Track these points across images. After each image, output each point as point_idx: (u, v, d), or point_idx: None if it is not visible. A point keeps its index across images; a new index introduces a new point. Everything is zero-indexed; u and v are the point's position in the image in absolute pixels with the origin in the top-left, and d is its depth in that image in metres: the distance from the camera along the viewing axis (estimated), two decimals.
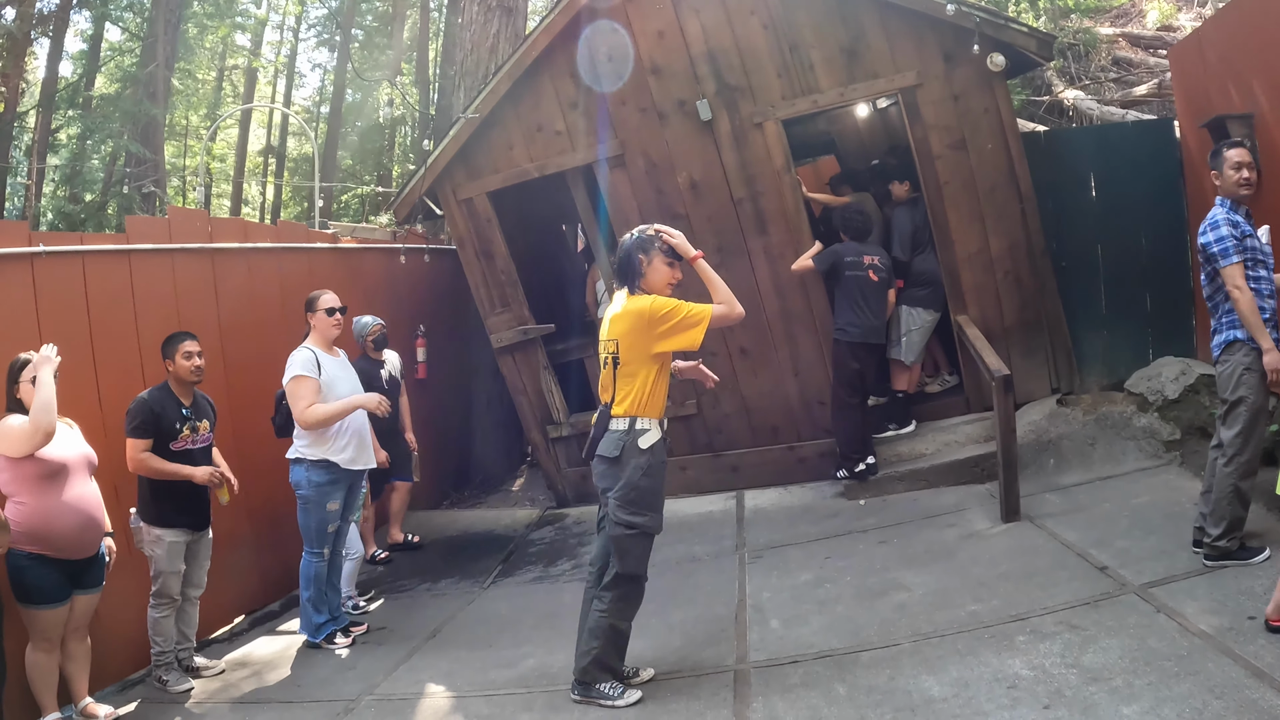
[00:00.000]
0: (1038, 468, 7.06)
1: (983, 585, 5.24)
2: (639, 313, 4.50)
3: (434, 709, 5.02)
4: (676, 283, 4.64)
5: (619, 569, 4.54)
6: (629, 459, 4.51)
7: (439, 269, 10.10)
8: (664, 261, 4.59)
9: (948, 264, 7.74)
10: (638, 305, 4.52)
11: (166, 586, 5.66)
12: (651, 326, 4.48)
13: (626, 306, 4.55)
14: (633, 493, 4.50)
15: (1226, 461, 4.85)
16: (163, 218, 7.05)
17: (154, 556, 5.63)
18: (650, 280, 4.60)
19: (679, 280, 4.65)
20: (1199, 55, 7.12)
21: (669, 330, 4.47)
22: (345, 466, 6.09)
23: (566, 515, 8.69)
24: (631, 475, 4.50)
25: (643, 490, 4.51)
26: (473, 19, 11.85)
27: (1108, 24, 13.42)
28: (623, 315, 4.54)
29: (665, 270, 4.60)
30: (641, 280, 4.60)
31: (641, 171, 8.13)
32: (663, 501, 4.62)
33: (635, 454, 4.51)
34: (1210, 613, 4.32)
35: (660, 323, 4.46)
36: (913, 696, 4.12)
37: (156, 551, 5.61)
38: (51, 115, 19.70)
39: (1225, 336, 4.91)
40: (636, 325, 4.50)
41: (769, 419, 8.24)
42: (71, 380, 5.40)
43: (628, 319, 4.52)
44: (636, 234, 4.68)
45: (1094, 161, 7.96)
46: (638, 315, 4.50)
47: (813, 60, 7.68)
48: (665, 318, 4.46)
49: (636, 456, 4.51)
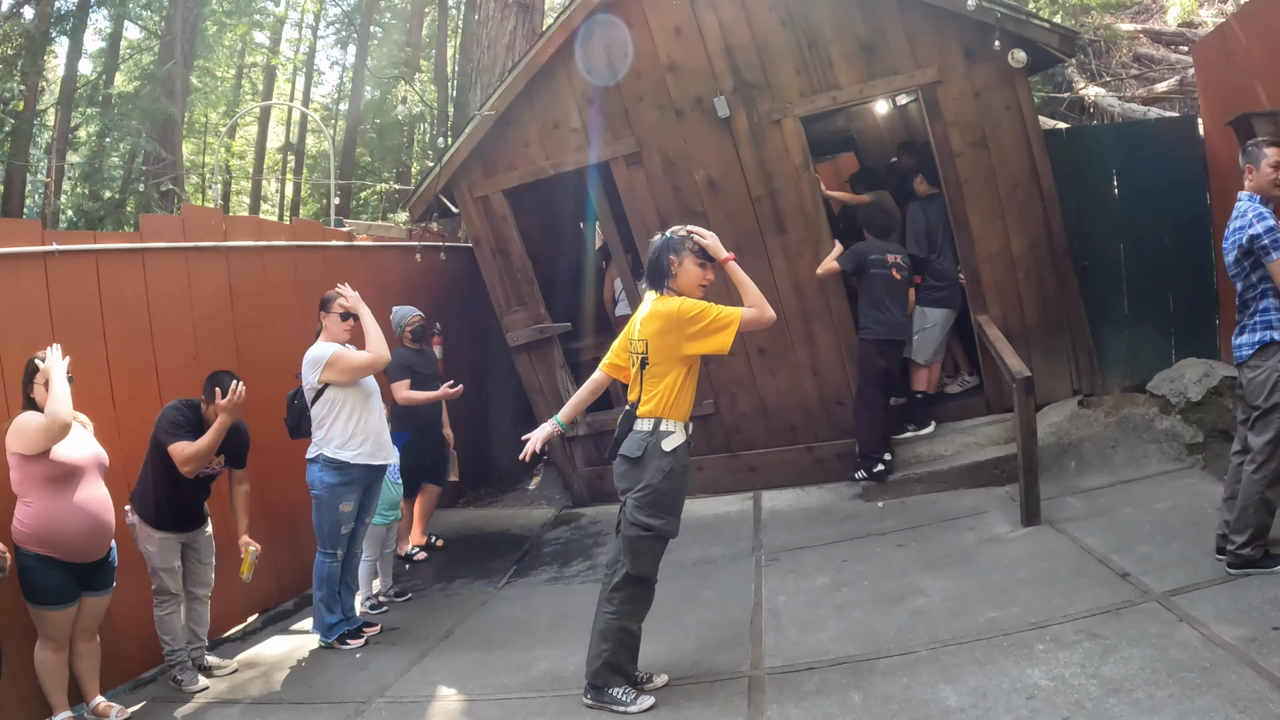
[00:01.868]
0: (1058, 470, 6.97)
1: (1002, 591, 5.17)
2: (668, 314, 4.45)
3: (445, 712, 4.99)
4: (708, 284, 4.59)
5: (629, 569, 4.50)
6: (650, 460, 4.46)
7: (455, 267, 10.07)
8: (695, 263, 4.55)
9: (968, 263, 7.66)
10: (667, 307, 4.46)
11: (163, 583, 5.63)
12: (681, 328, 4.43)
13: (655, 308, 4.51)
14: (652, 495, 4.45)
15: (1256, 469, 4.73)
16: (176, 216, 7.05)
17: (147, 553, 5.61)
18: (680, 282, 4.56)
19: (710, 282, 4.60)
20: (1224, 51, 7.01)
21: (698, 333, 4.42)
22: (362, 463, 6.06)
23: (582, 515, 8.65)
24: (652, 477, 4.45)
25: (662, 493, 4.46)
26: (490, 15, 11.81)
27: (1128, 20, 13.27)
28: (652, 316, 4.50)
29: (696, 272, 4.55)
30: (671, 281, 4.55)
31: (659, 169, 8.07)
32: (681, 506, 4.57)
33: (658, 455, 4.46)
34: (1233, 623, 4.23)
35: (689, 324, 4.42)
36: (930, 706, 4.05)
37: (149, 548, 5.59)
38: (70, 113, 19.81)
39: (1260, 337, 4.73)
40: (666, 327, 4.45)
41: (787, 419, 8.18)
42: (85, 379, 5.39)
43: (657, 320, 4.47)
44: (668, 234, 4.64)
45: (1116, 159, 7.86)
46: (667, 317, 4.45)
47: (832, 56, 7.60)
48: (694, 319, 4.41)
49: (659, 458, 4.46)
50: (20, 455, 4.87)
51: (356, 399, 6.08)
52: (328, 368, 5.94)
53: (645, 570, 4.52)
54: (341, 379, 5.99)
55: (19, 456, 4.87)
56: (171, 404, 5.66)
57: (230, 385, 5.55)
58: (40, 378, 5.00)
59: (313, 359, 6.02)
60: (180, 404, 5.66)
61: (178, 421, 5.55)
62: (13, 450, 4.88)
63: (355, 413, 6.06)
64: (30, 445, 4.84)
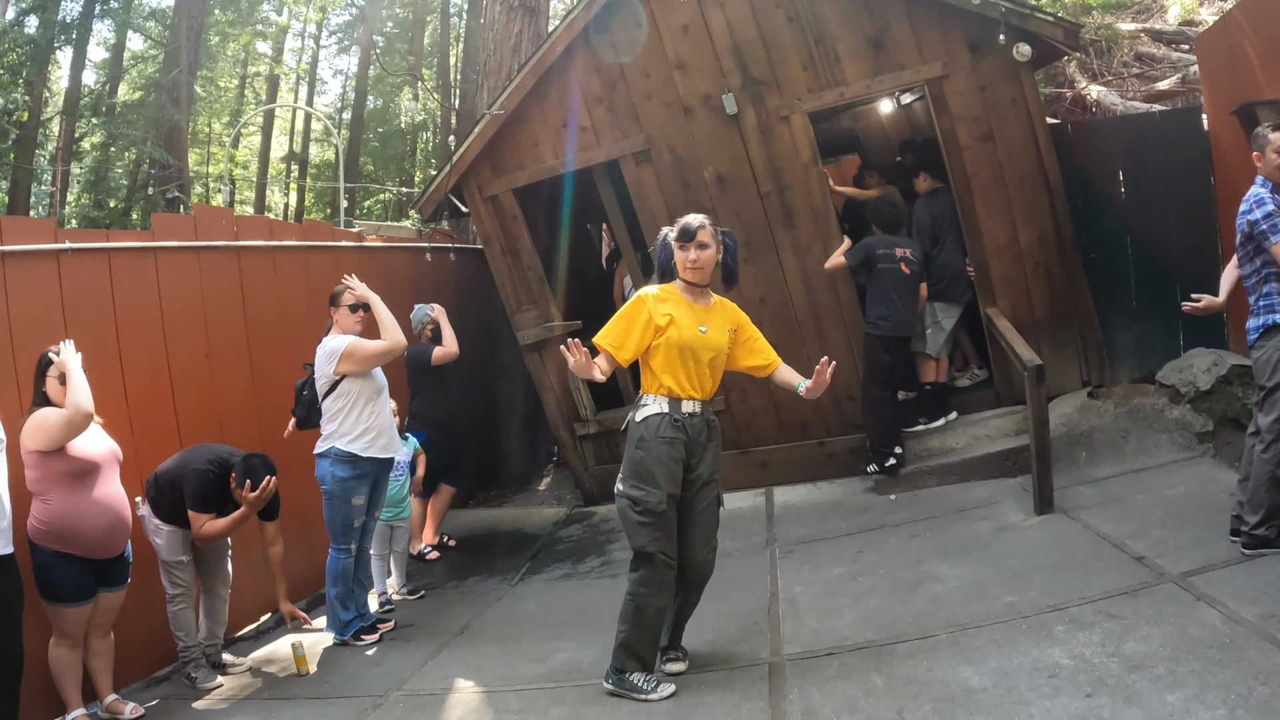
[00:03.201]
0: (1070, 460, 6.98)
1: (1018, 576, 5.17)
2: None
3: (464, 704, 4.98)
4: (695, 265, 4.66)
5: (630, 545, 4.62)
6: (630, 433, 4.65)
7: (465, 267, 10.10)
8: (678, 248, 4.69)
9: (977, 256, 7.68)
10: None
11: (172, 576, 5.64)
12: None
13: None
14: (628, 465, 4.60)
15: (1265, 448, 4.76)
16: (188, 216, 7.08)
17: (157, 546, 5.62)
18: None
19: (696, 264, 4.66)
20: (1226, 42, 7.03)
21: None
22: (373, 456, 6.09)
23: (594, 513, 8.66)
24: (629, 448, 4.62)
25: (634, 462, 4.57)
26: (495, 19, 11.88)
27: (1129, 20, 13.29)
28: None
29: (681, 256, 4.69)
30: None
31: (668, 166, 8.10)
32: (663, 480, 4.52)
33: (633, 426, 4.64)
34: (1251, 601, 4.24)
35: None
36: (952, 687, 4.06)
37: (158, 541, 5.60)
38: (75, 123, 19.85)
39: (1264, 320, 4.80)
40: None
41: (798, 415, 8.18)
42: (97, 377, 5.37)
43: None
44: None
45: (1122, 152, 7.89)
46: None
47: (839, 52, 7.64)
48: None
49: (633, 428, 4.63)
50: (38, 453, 4.87)
51: (370, 392, 6.10)
52: (344, 359, 5.96)
53: (640, 544, 4.54)
54: (359, 369, 6.02)
55: (37, 454, 4.87)
56: (203, 464, 5.59)
57: (262, 482, 5.59)
58: (55, 371, 5.02)
59: (329, 350, 6.04)
60: (212, 467, 5.59)
61: (204, 495, 5.52)
62: (31, 448, 4.88)
63: (368, 406, 6.08)
64: (51, 440, 4.84)
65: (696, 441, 4.63)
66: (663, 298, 4.67)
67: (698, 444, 4.64)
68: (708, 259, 4.66)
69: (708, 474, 4.67)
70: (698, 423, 4.63)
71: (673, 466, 4.55)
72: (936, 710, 3.89)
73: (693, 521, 4.67)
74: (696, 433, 4.62)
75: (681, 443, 4.58)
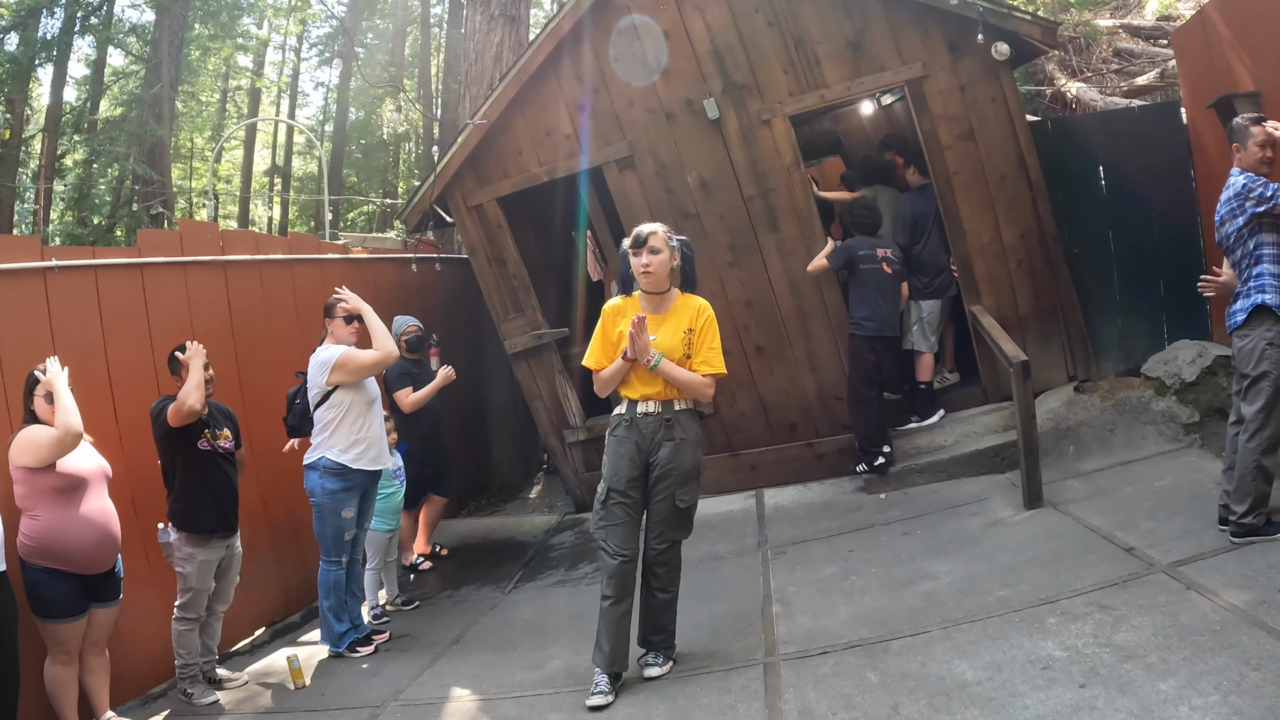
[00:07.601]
0: (1058, 455, 7.03)
1: (1010, 571, 5.21)
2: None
3: (461, 712, 5.00)
4: (646, 271, 4.75)
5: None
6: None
7: (451, 277, 10.10)
8: (633, 255, 4.80)
9: (960, 254, 7.73)
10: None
11: (195, 602, 5.63)
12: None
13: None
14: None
15: (1249, 437, 4.80)
16: (174, 231, 7.07)
17: (185, 574, 5.59)
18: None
19: (646, 268, 4.74)
20: (1203, 36, 7.09)
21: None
22: (363, 468, 6.10)
23: (586, 519, 8.61)
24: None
25: (605, 458, 4.88)
26: (476, 28, 11.88)
27: (1107, 15, 13.39)
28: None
29: (635, 262, 4.81)
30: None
31: (651, 172, 8.13)
32: (609, 474, 4.81)
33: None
34: (1241, 588, 4.27)
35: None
36: (946, 681, 4.09)
37: (188, 569, 5.58)
38: (57, 140, 19.79)
39: (1252, 300, 4.79)
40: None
41: (786, 416, 8.22)
42: (86, 394, 5.36)
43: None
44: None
45: (1101, 147, 7.94)
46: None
47: (819, 55, 7.68)
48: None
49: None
50: (26, 469, 4.86)
51: (362, 404, 6.12)
52: (336, 369, 5.97)
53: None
54: (351, 379, 6.04)
55: (25, 470, 4.86)
56: (156, 402, 5.71)
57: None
58: (41, 389, 5.01)
59: (321, 361, 6.05)
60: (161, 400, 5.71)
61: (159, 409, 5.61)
62: (19, 464, 4.87)
63: (360, 417, 6.09)
64: (41, 458, 4.83)
65: (651, 439, 4.78)
66: (621, 309, 4.87)
67: (654, 442, 4.78)
68: (659, 264, 4.74)
69: (662, 469, 4.77)
70: (653, 421, 4.78)
71: (620, 462, 4.76)
72: (932, 705, 3.91)
73: (649, 513, 4.85)
74: (652, 431, 4.78)
75: (632, 441, 4.77)
